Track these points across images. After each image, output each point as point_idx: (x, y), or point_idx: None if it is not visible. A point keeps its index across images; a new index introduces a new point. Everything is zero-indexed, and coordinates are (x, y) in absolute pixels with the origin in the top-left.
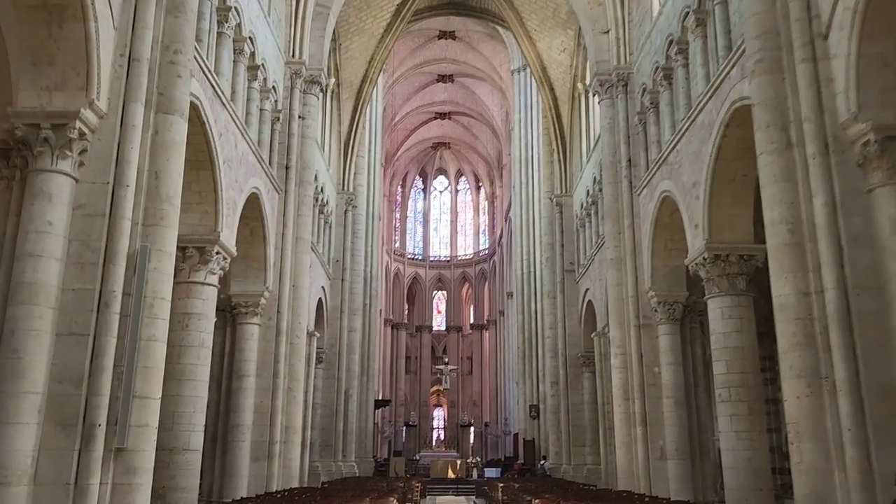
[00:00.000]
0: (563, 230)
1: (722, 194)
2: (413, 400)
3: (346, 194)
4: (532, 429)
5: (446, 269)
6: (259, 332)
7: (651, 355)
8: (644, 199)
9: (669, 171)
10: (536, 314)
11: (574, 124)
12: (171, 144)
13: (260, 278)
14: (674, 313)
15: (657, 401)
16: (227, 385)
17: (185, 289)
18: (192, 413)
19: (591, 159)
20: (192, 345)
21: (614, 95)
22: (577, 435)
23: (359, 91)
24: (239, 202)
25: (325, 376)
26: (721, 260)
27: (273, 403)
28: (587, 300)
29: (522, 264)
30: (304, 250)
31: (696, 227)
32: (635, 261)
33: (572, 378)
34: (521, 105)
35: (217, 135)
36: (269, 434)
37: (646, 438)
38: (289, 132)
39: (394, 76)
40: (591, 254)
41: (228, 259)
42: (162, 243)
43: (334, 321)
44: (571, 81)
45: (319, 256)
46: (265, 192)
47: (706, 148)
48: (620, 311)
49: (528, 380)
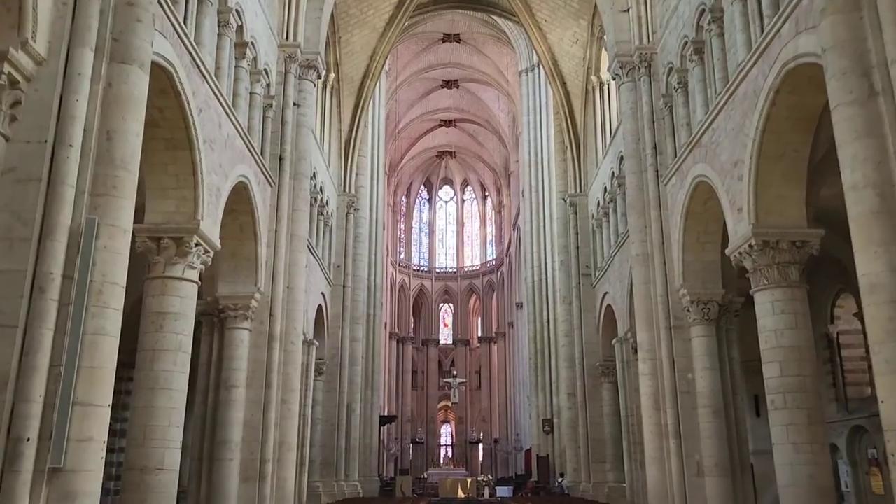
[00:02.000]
0: (578, 231)
1: (770, 173)
2: (420, 416)
3: (348, 196)
4: (546, 444)
5: (453, 280)
6: (249, 338)
7: (684, 360)
8: (673, 189)
9: (704, 153)
10: (549, 323)
11: (588, 120)
12: (128, 99)
13: (251, 278)
14: (708, 313)
15: (692, 410)
16: (213, 397)
17: (159, 285)
18: (167, 427)
19: (609, 154)
20: (167, 348)
21: (636, 78)
22: (597, 450)
23: (360, 87)
24: (223, 189)
25: (325, 389)
26: (770, 247)
27: (265, 417)
28: (606, 305)
29: (533, 271)
30: (299, 248)
31: (740, 212)
32: (664, 256)
33: (590, 389)
34: (530, 107)
35: (196, 110)
36: (260, 451)
37: (680, 453)
38: (282, 120)
39: (397, 81)
40: (610, 254)
41: (211, 253)
42: (115, 217)
43: (335, 330)
44: (585, 75)
45: (319, 260)
46: (255, 182)
47: (750, 121)
48: (648, 312)
49: (540, 392)
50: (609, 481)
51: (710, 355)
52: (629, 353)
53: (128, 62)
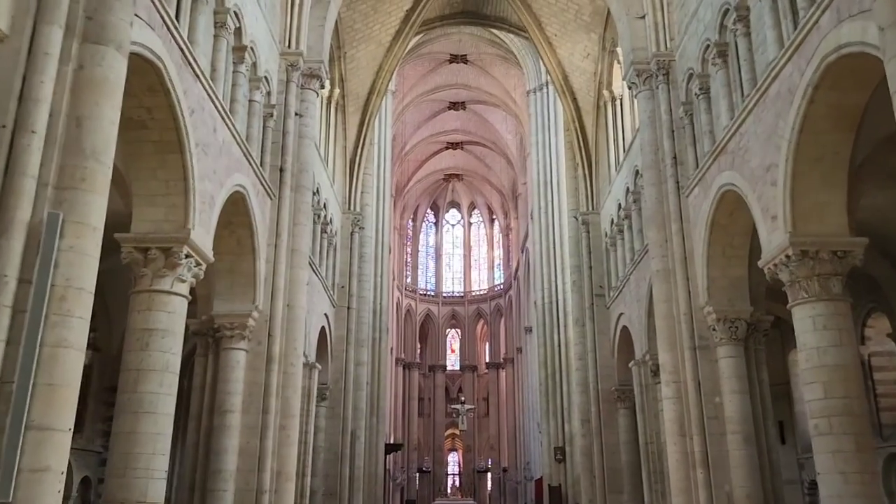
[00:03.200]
0: (590, 251)
1: (807, 177)
2: (427, 444)
3: (353, 214)
4: (558, 474)
5: (460, 305)
6: (246, 360)
7: (710, 382)
8: (696, 200)
9: (730, 160)
10: (560, 347)
11: (600, 136)
12: (102, 84)
13: (248, 296)
14: (736, 332)
15: (720, 437)
16: (207, 423)
17: (145, 299)
18: (152, 455)
19: (623, 170)
20: (152, 368)
21: (654, 86)
22: (614, 480)
23: (366, 103)
24: (217, 198)
25: (328, 415)
26: (809, 257)
27: (262, 444)
28: (621, 326)
29: (543, 294)
30: (300, 264)
31: (774, 220)
32: (686, 272)
33: (606, 415)
34: (538, 126)
35: (187, 110)
36: (256, 481)
37: (708, 483)
38: (283, 130)
39: (404, 102)
40: (625, 273)
41: (203, 266)
42: (83, 213)
43: (339, 353)
44: (596, 89)
45: (322, 280)
46: (254, 194)
47: (784, 121)
48: (671, 332)
49: (552, 419)
50: None
51: (738, 377)
52: (647, 376)
53: (102, 43)
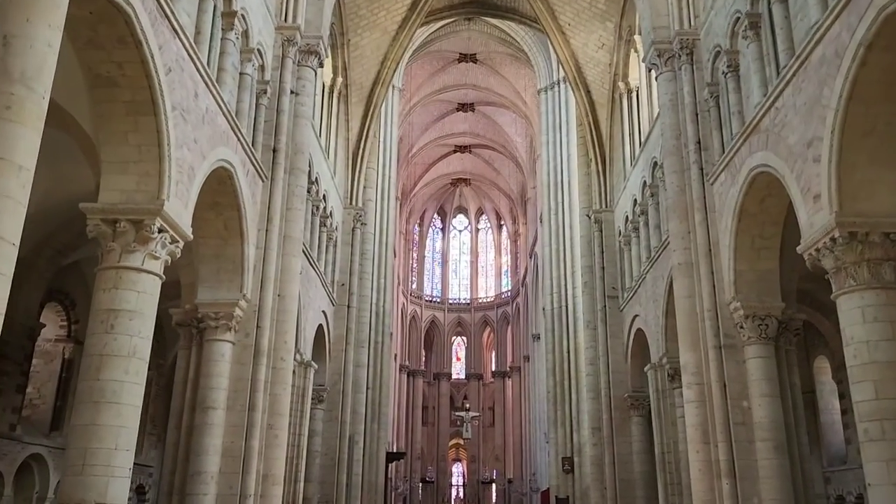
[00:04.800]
0: (603, 250)
1: (856, 151)
2: (430, 454)
3: (354, 209)
4: (566, 485)
5: (466, 312)
6: (232, 353)
7: (737, 385)
8: (721, 187)
9: (763, 139)
10: (569, 353)
11: (614, 130)
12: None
13: (235, 284)
14: (766, 330)
15: (748, 445)
16: (189, 420)
17: (112, 277)
18: (113, 451)
19: (639, 163)
20: (117, 353)
21: (676, 67)
22: (627, 492)
23: (370, 94)
24: (199, 170)
25: (326, 419)
26: (858, 240)
27: (247, 444)
28: (635, 329)
29: (552, 298)
30: (293, 252)
31: (817, 200)
32: (711, 265)
33: (618, 423)
34: (549, 125)
35: (163, 68)
36: (240, 485)
37: (735, 495)
38: (278, 108)
39: (411, 102)
40: (641, 272)
41: (180, 244)
42: (6, 148)
43: (338, 354)
44: (611, 81)
45: (321, 276)
46: (242, 173)
47: (830, 89)
48: (694, 330)
49: (560, 428)
50: None
51: (768, 380)
52: (664, 380)
53: None
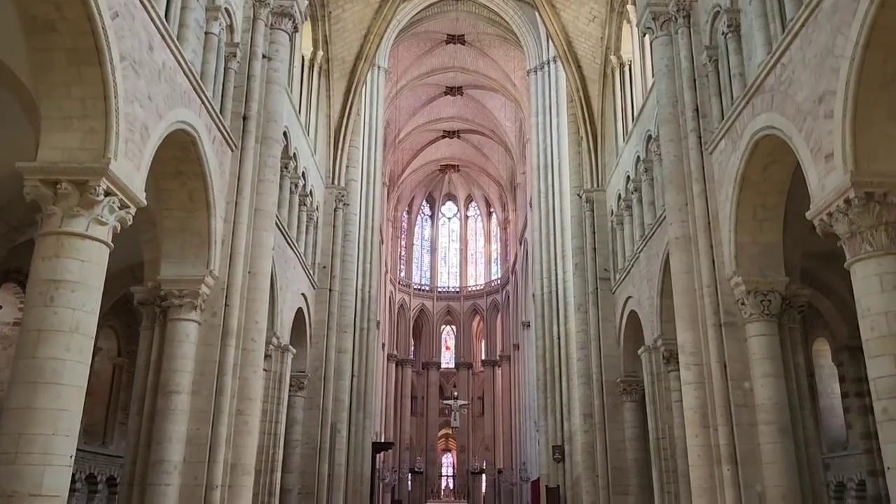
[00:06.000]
0: (595, 230)
1: (873, 105)
2: (419, 444)
3: (337, 189)
4: (556, 474)
5: (455, 300)
6: (198, 333)
7: (738, 365)
8: (721, 155)
9: (768, 100)
10: (560, 339)
11: (606, 106)
12: None
13: (201, 259)
14: (769, 307)
15: (750, 428)
16: (151, 406)
17: (52, 243)
18: (51, 437)
19: (632, 139)
20: (58, 329)
21: (672, 31)
22: (619, 480)
23: (352, 70)
24: (153, 130)
25: (306, 406)
26: (875, 201)
27: (214, 432)
28: (628, 311)
29: (542, 283)
30: (265, 226)
31: (829, 160)
32: (710, 238)
33: (610, 409)
34: (539, 107)
35: (108, 11)
36: (206, 475)
37: (736, 482)
38: (248, 73)
39: (398, 85)
40: (634, 251)
41: (131, 210)
42: None
43: (319, 339)
44: (603, 55)
45: (301, 257)
46: (208, 139)
47: (844, 37)
48: (692, 308)
49: (550, 416)
50: None
51: (772, 359)
52: (659, 363)
53: None
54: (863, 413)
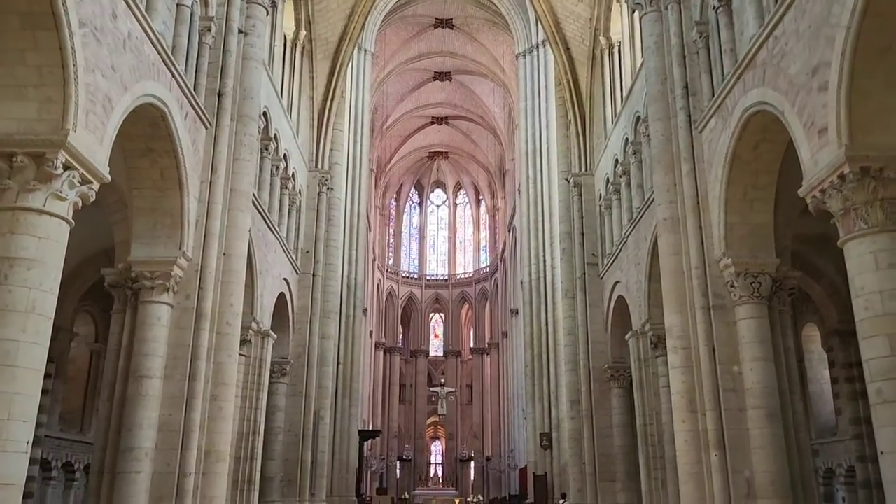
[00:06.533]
0: (583, 215)
1: (869, 75)
2: (407, 432)
3: (320, 173)
4: (544, 461)
5: (444, 288)
6: (171, 316)
7: (727, 349)
8: (711, 134)
9: (760, 74)
10: (548, 325)
11: (595, 89)
12: None
13: (174, 240)
14: (759, 289)
15: (738, 413)
16: (122, 391)
17: (7, 219)
18: (6, 422)
19: (621, 120)
20: (13, 309)
21: (662, 6)
22: (606, 467)
23: (336, 50)
24: (118, 102)
25: (289, 393)
26: (871, 177)
27: (187, 418)
28: (616, 296)
29: (530, 270)
30: (241, 206)
31: (822, 134)
32: (699, 219)
33: (597, 395)
34: (528, 92)
35: None
36: (178, 462)
37: (724, 467)
38: (224, 49)
39: (385, 70)
40: (622, 236)
41: (94, 185)
42: None
43: (302, 325)
44: (591, 37)
45: (283, 242)
46: (179, 115)
47: (840, 5)
48: (680, 290)
49: (538, 403)
50: (620, 503)
51: (761, 342)
52: (647, 349)
53: None
54: (853, 398)
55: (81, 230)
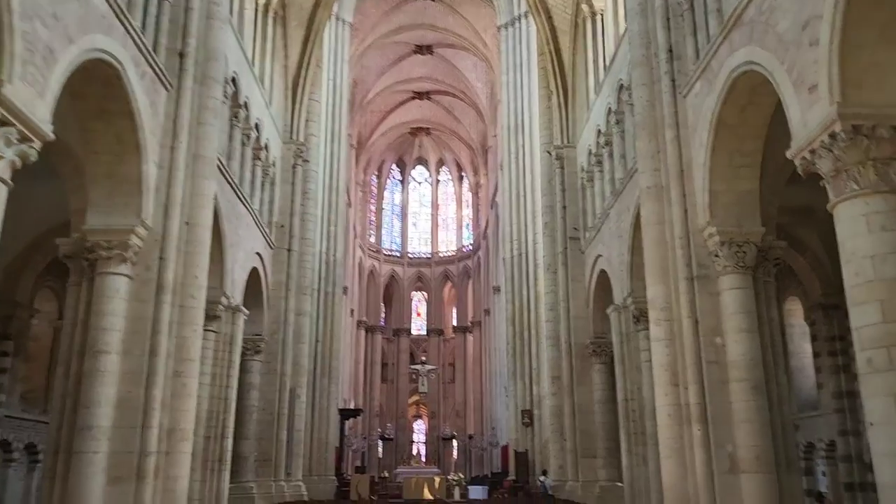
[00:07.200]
0: (564, 189)
1: (863, 27)
2: (390, 410)
3: (295, 144)
4: (525, 439)
5: (426, 266)
6: (130, 289)
7: (711, 320)
8: (697, 98)
9: (748, 32)
10: (529, 302)
11: (578, 60)
12: None
13: (132, 208)
14: (743, 258)
15: (721, 386)
16: (78, 367)
17: None
18: None
19: (603, 90)
20: None
21: None
22: (587, 443)
23: (311, 17)
24: (61, 53)
25: (263, 371)
26: (863, 135)
27: (148, 395)
28: (598, 270)
29: (512, 246)
30: (205, 173)
31: (813, 92)
32: (683, 188)
33: (578, 371)
34: (510, 65)
35: None
36: (139, 442)
37: (707, 442)
38: (185, 6)
39: (364, 42)
40: (604, 208)
41: (35, 143)
42: None
43: (277, 301)
44: (574, 5)
45: (255, 216)
46: (135, 74)
47: None
48: (663, 260)
49: (519, 381)
50: (601, 480)
51: (745, 313)
52: (629, 322)
53: None
54: (835, 372)
55: (41, 202)
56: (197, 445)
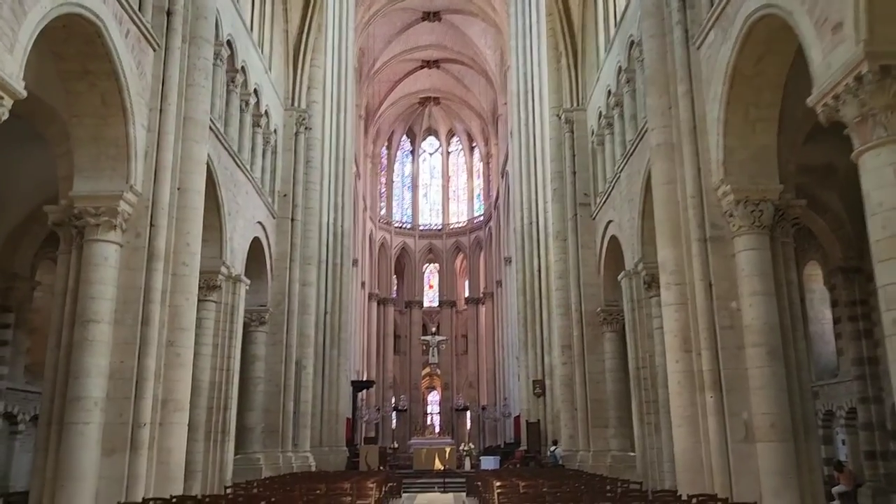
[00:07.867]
0: (574, 153)
1: None
2: (403, 382)
3: (297, 111)
4: (536, 409)
5: (438, 238)
6: (120, 256)
7: (725, 283)
8: (710, 49)
9: None
10: (540, 271)
11: (587, 21)
12: None
13: (120, 173)
14: (760, 217)
15: (736, 352)
16: (68, 337)
17: None
18: None
19: (614, 46)
20: None
21: None
22: (598, 413)
23: None
24: (30, 7)
25: (269, 342)
26: (892, 77)
27: (141, 365)
28: (609, 236)
29: (522, 215)
30: (196, 137)
31: (836, 31)
32: (696, 145)
33: (589, 340)
34: (519, 29)
35: None
36: (132, 413)
37: (721, 410)
38: None
39: (371, 10)
40: (615, 172)
41: (6, 101)
42: None
43: (281, 271)
44: None
45: (256, 184)
46: (118, 32)
47: None
48: (674, 222)
49: (531, 350)
50: (612, 449)
51: (762, 275)
52: (640, 289)
53: None
54: (856, 338)
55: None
56: (200, 416)
